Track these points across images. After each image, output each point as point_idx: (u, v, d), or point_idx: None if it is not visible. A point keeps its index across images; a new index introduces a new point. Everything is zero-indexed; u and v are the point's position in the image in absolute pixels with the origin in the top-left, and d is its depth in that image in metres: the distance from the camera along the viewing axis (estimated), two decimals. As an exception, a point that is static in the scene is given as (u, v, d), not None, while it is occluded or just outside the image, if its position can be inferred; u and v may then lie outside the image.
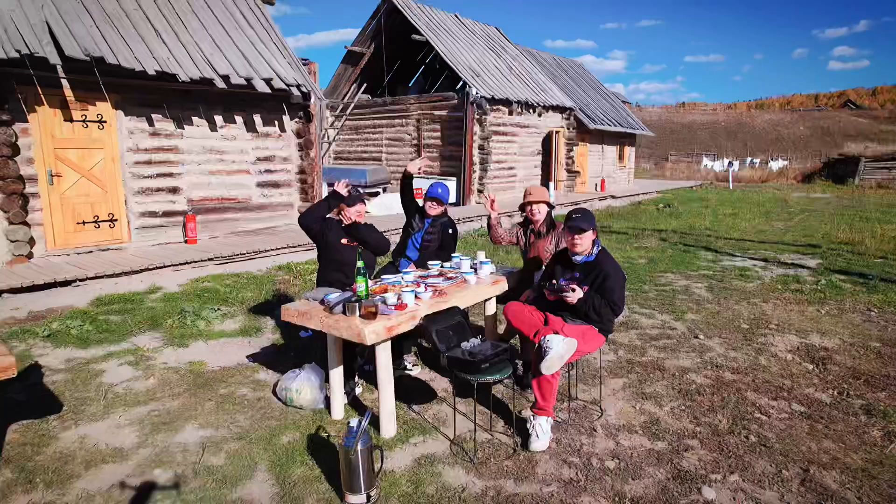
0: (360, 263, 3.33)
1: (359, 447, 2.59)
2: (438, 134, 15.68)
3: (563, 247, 3.61)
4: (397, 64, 19.01)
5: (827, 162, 35.19)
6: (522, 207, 4.30)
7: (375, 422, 3.33)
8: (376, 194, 15.61)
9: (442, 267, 4.17)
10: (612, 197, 18.80)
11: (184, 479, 2.90)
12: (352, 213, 4.24)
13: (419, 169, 4.61)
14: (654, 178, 40.30)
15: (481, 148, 14.90)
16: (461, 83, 14.90)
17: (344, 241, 4.13)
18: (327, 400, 3.66)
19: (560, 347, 3.09)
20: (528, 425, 3.26)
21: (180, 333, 5.11)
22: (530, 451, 3.15)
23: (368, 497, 2.65)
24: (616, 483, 2.87)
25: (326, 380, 3.70)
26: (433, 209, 4.58)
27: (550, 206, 4.24)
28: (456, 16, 18.39)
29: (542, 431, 3.21)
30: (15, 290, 6.02)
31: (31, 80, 6.92)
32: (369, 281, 3.46)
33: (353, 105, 17.64)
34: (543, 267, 3.99)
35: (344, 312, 3.13)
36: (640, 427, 3.45)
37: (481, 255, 4.25)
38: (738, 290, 6.98)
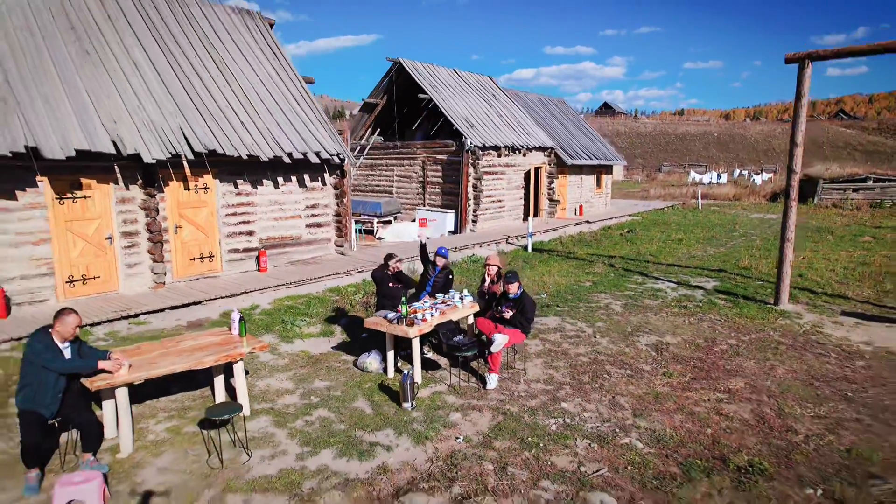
0: (403, 298, 6.75)
1: (409, 381, 6.00)
2: (440, 174, 19.16)
3: (504, 289, 7.02)
4: (405, 110, 22.50)
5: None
6: (485, 264, 7.70)
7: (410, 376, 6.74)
8: (389, 222, 19.08)
9: (444, 298, 7.57)
10: (588, 222, 22.22)
11: (327, 399, 6.31)
12: (392, 263, 7.65)
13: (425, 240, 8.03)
14: (642, 191, 43.08)
15: (475, 187, 18.37)
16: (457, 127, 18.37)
17: (391, 284, 7.55)
18: (384, 368, 7.06)
19: (501, 339, 6.51)
20: (486, 378, 6.67)
21: (286, 335, 8.52)
22: (486, 389, 6.56)
23: (412, 404, 6.06)
24: (523, 401, 6.28)
25: (382, 359, 7.12)
26: (440, 262, 7.97)
27: (499, 268, 7.61)
28: (455, 70, 21.93)
29: (493, 381, 6.62)
30: (172, 308, 9.45)
31: (166, 165, 10.37)
32: (408, 306, 6.87)
33: (369, 147, 21.14)
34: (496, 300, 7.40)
35: (397, 322, 6.56)
36: (542, 381, 6.86)
37: (465, 292, 7.66)
38: (644, 306, 10.38)
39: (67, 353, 4.69)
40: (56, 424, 4.73)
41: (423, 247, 8.16)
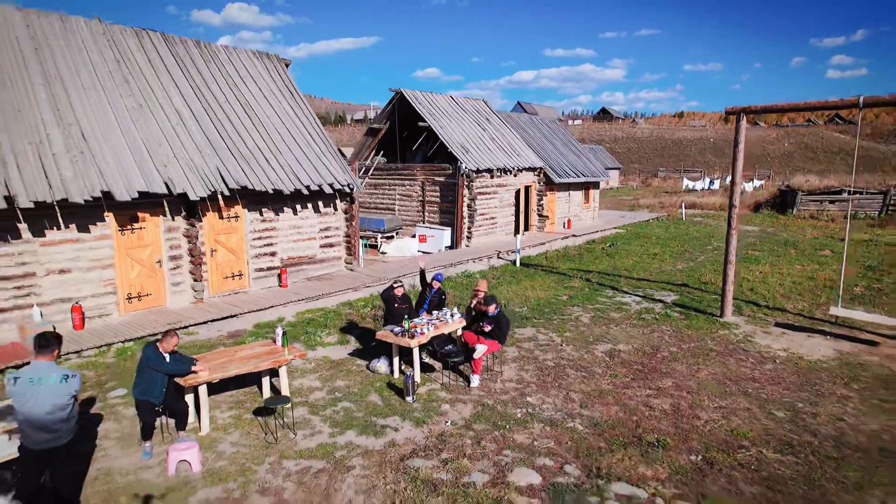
0: (406, 316, 8.66)
1: (410, 380, 7.91)
2: (438, 193, 21.10)
3: (485, 309, 8.92)
4: (405, 133, 24.44)
5: (780, 190, 40.04)
6: (475, 289, 9.61)
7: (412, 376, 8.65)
8: (391, 238, 21.00)
9: (438, 315, 9.47)
10: (574, 236, 24.11)
11: (348, 394, 8.22)
12: (397, 289, 9.56)
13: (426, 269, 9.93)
14: (634, 199, 44.74)
15: (469, 206, 20.30)
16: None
17: (396, 304, 9.46)
18: (391, 370, 8.97)
19: (481, 348, 8.42)
20: (470, 378, 8.57)
21: (310, 343, 10.42)
22: (470, 387, 8.47)
23: (413, 398, 7.97)
24: (498, 396, 8.18)
25: (389, 363, 9.02)
26: (436, 285, 9.88)
27: (486, 292, 9.51)
28: (451, 97, 23.88)
29: (476, 381, 8.53)
30: (213, 320, 11.36)
31: (205, 199, 12.28)
32: (409, 322, 8.77)
33: (373, 168, 23.09)
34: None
35: (402, 335, 8.47)
36: (514, 381, 8.76)
37: (455, 310, 9.56)
38: (609, 318, 12.27)
39: (167, 360, 6.60)
40: (159, 410, 6.63)
41: (422, 272, 10.08)
